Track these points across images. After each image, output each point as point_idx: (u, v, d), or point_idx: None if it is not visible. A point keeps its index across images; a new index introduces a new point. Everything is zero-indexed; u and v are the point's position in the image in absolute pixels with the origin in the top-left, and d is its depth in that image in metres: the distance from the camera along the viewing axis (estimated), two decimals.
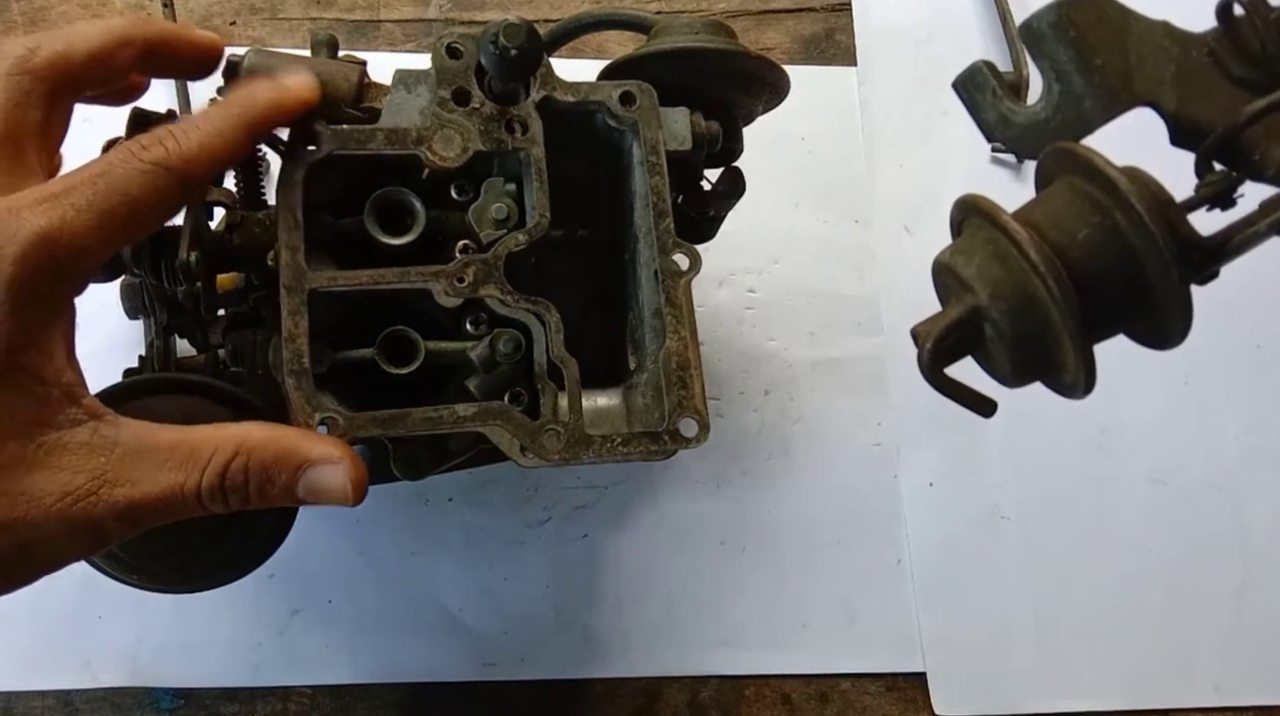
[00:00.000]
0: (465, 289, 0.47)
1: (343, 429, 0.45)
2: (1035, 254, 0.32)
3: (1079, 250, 0.33)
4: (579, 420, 0.47)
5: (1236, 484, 0.75)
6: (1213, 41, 0.37)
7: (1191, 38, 0.38)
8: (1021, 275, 0.33)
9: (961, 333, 0.34)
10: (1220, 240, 0.33)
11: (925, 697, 0.69)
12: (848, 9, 0.83)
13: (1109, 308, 0.33)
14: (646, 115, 0.50)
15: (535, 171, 0.48)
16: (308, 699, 0.66)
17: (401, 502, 0.70)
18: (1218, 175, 0.35)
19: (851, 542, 0.72)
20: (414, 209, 0.48)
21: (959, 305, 0.34)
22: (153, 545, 0.48)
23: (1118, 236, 0.33)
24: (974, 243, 0.35)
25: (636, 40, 0.58)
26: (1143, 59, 0.37)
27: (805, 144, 0.79)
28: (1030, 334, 0.33)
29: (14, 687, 0.65)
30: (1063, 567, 0.72)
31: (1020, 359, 0.34)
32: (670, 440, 0.47)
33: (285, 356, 0.45)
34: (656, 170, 0.50)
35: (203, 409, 0.51)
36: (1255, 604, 0.72)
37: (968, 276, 0.34)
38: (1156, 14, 0.39)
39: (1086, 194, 0.34)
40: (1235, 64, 0.37)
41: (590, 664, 0.68)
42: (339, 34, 0.69)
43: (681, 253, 0.49)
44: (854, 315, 0.76)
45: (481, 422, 0.46)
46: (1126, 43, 0.37)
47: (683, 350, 0.48)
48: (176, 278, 0.54)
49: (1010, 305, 0.33)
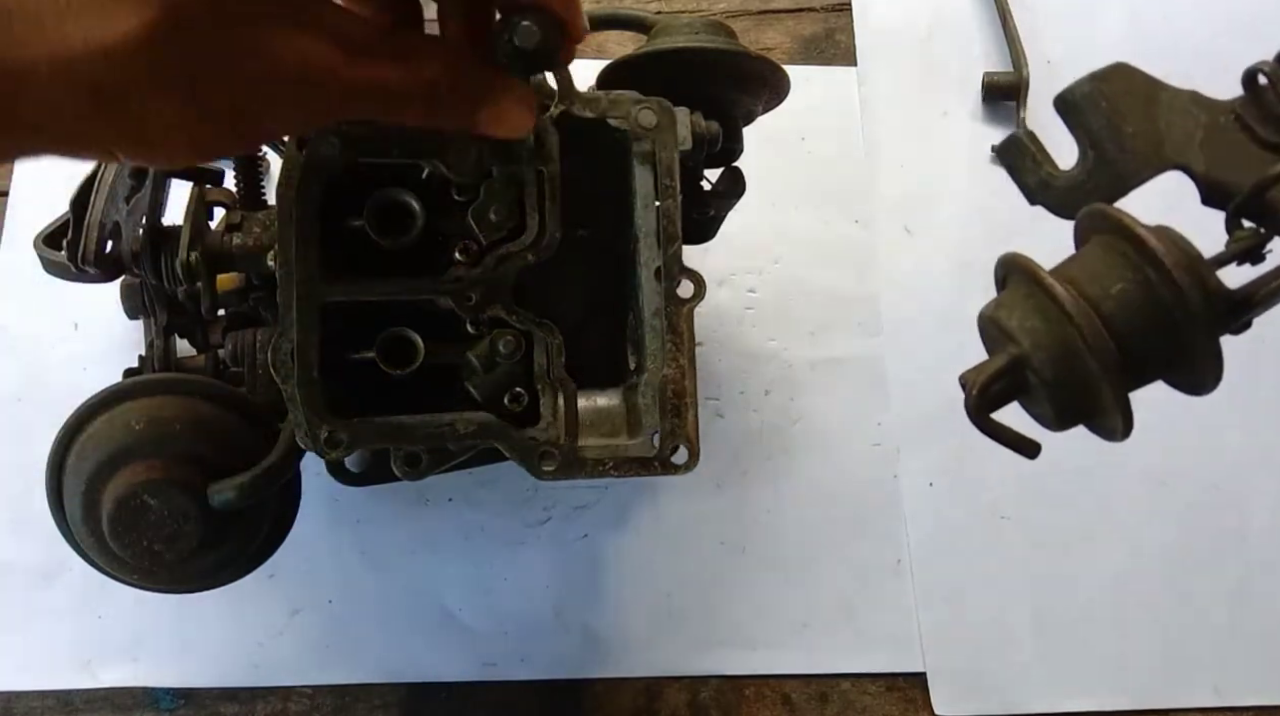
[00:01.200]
0: (471, 308, 0.47)
1: (347, 442, 0.45)
2: (1072, 307, 0.35)
3: (1113, 303, 0.35)
4: (573, 444, 0.47)
5: (1236, 484, 0.74)
6: (1239, 108, 0.40)
7: (1218, 105, 0.40)
8: (1060, 326, 0.35)
9: (1006, 380, 0.37)
10: (1248, 293, 0.36)
11: (925, 697, 0.69)
12: (848, 9, 0.83)
13: (1145, 357, 0.36)
14: (664, 136, 0.49)
15: (550, 188, 0.48)
16: (308, 699, 0.66)
17: (401, 502, 0.70)
18: (1247, 232, 0.37)
19: (851, 542, 0.72)
20: (413, 210, 0.48)
21: (1003, 355, 0.37)
22: (153, 544, 0.48)
23: (1149, 290, 0.35)
24: (1016, 297, 0.37)
25: (636, 40, 0.58)
26: (1172, 126, 0.40)
27: (805, 144, 0.79)
28: (1069, 381, 0.36)
29: (14, 687, 0.65)
30: (1063, 568, 0.72)
31: (1061, 404, 0.37)
32: (661, 467, 0.48)
33: (296, 368, 0.45)
34: (669, 193, 0.49)
35: (203, 409, 0.51)
36: (1255, 604, 0.72)
37: (1010, 328, 0.37)
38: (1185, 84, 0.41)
39: (1119, 251, 0.36)
40: (1261, 128, 0.39)
41: (590, 664, 0.68)
42: None
43: (688, 279, 0.49)
44: (854, 315, 0.76)
45: (481, 439, 0.47)
46: (1156, 111, 0.40)
47: (679, 378, 0.49)
48: (176, 278, 0.54)
49: (1050, 354, 0.36)
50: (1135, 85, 0.40)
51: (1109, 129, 0.40)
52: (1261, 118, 0.39)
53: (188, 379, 0.53)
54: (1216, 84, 0.41)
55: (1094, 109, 0.40)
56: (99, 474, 0.49)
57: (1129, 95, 0.40)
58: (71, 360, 0.70)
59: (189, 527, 0.48)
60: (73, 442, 0.50)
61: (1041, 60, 0.80)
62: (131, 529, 0.48)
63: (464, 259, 0.48)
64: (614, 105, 0.49)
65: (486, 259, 0.48)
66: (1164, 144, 0.40)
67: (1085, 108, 0.40)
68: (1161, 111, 0.40)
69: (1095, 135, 0.40)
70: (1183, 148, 0.40)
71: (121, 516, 0.48)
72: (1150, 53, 0.82)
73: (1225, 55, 0.41)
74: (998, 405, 0.38)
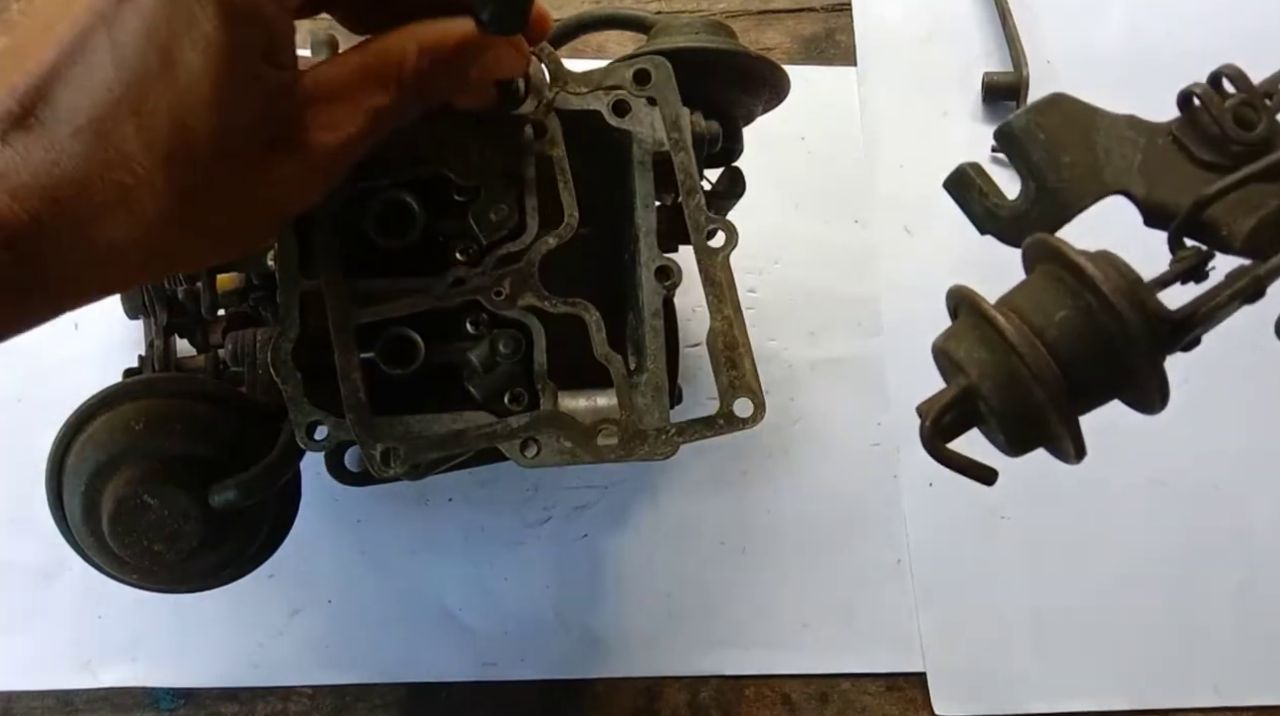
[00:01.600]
0: (504, 303, 0.47)
1: (404, 457, 0.45)
2: (1014, 336, 0.36)
3: (1056, 331, 0.36)
4: (629, 416, 0.47)
5: (1236, 484, 0.74)
6: (1175, 129, 0.41)
7: (1155, 127, 0.41)
8: (1004, 356, 0.36)
9: (958, 410, 0.38)
10: (1188, 312, 0.36)
11: (925, 697, 0.69)
12: (848, 9, 0.83)
13: (1092, 381, 0.37)
14: (664, 90, 0.48)
15: (559, 170, 0.47)
16: (308, 699, 0.66)
17: (401, 502, 0.70)
18: (1189, 251, 0.38)
19: (851, 542, 0.72)
20: (413, 210, 0.48)
21: (953, 386, 0.38)
22: (153, 544, 0.48)
23: (1090, 316, 0.36)
24: (964, 327, 0.38)
25: (636, 40, 0.58)
26: (1110, 151, 0.40)
27: (805, 144, 0.79)
28: (1017, 409, 0.37)
29: (14, 687, 0.65)
30: (1062, 567, 0.72)
31: (1012, 432, 0.37)
32: (726, 423, 0.46)
33: (343, 392, 0.45)
34: (681, 146, 0.48)
35: (203, 409, 0.51)
36: (1255, 604, 0.72)
37: (959, 358, 0.38)
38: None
39: (1059, 279, 0.37)
40: (1197, 148, 0.40)
41: (590, 664, 0.68)
42: (339, 34, 0.68)
43: (716, 227, 0.48)
44: (854, 315, 0.76)
45: (536, 430, 0.46)
46: (1094, 138, 0.41)
47: (728, 329, 0.48)
48: (176, 277, 0.54)
49: (996, 383, 0.37)
50: (1072, 114, 0.41)
51: (1048, 159, 0.40)
52: (1197, 138, 0.40)
53: (188, 379, 0.53)
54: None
55: (1032, 140, 0.40)
56: (99, 474, 0.49)
57: (1066, 124, 0.41)
58: (71, 360, 0.70)
59: (189, 527, 0.48)
60: (73, 442, 0.50)
61: (1041, 60, 0.80)
62: (131, 529, 0.48)
63: (464, 259, 0.48)
64: (608, 74, 0.49)
65: (487, 259, 0.48)
66: (1103, 170, 0.40)
67: (1024, 139, 0.41)
68: (1100, 138, 0.40)
69: (1034, 166, 0.40)
70: (1122, 173, 0.40)
71: (121, 516, 0.48)
72: (1150, 53, 0.82)
73: (1224, 55, 0.42)
74: (953, 434, 0.39)
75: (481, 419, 0.47)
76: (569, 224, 0.47)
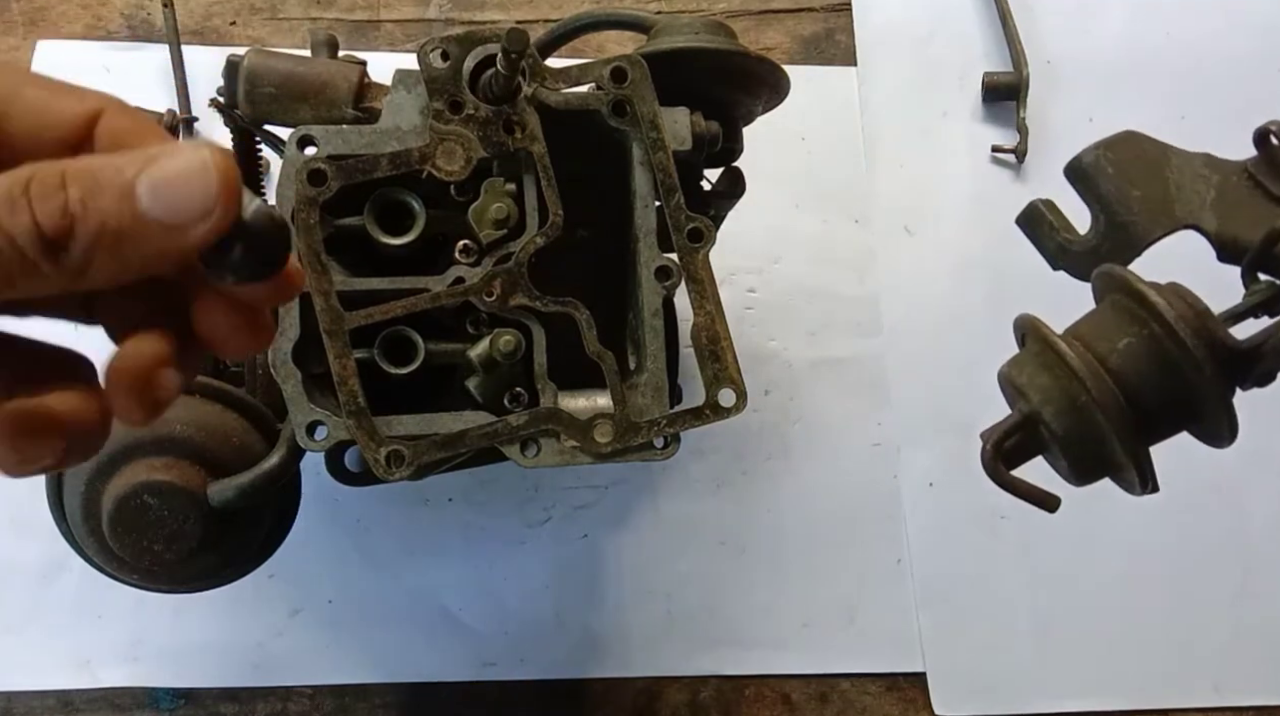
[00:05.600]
0: (495, 303, 0.47)
1: (410, 459, 0.45)
2: (1076, 362, 0.36)
3: (1119, 358, 0.36)
4: (624, 410, 0.47)
5: (1236, 485, 0.74)
6: (1251, 167, 0.41)
7: (1230, 165, 0.41)
8: (1066, 382, 0.36)
9: (1020, 436, 0.38)
10: (1256, 343, 0.36)
11: (925, 697, 0.69)
12: (848, 9, 0.83)
13: (1158, 410, 0.37)
14: (640, 89, 0.49)
15: (541, 168, 0.47)
16: (308, 699, 0.66)
17: (401, 503, 0.70)
18: (1262, 285, 0.38)
19: (851, 542, 0.72)
20: (413, 209, 0.48)
21: (1015, 412, 0.38)
22: (153, 544, 0.48)
23: (1155, 344, 0.36)
24: (1028, 355, 0.38)
25: (636, 40, 0.58)
26: (1182, 187, 0.41)
27: (805, 144, 0.79)
28: (1079, 435, 0.37)
29: (14, 687, 0.65)
30: (1062, 567, 0.72)
31: (1075, 458, 0.38)
32: (712, 412, 0.48)
33: (341, 398, 0.45)
34: (659, 146, 0.48)
35: (204, 409, 0.51)
36: (1255, 604, 0.72)
37: (1021, 385, 0.38)
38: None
39: (1126, 308, 0.37)
40: (1272, 184, 0.40)
41: (590, 664, 0.68)
42: (339, 34, 0.69)
43: (695, 224, 0.49)
44: (854, 315, 0.76)
45: (535, 427, 0.47)
46: (1165, 174, 0.41)
47: (710, 324, 0.48)
48: None
49: (1057, 408, 0.37)
50: (1144, 150, 0.41)
51: (1117, 193, 0.41)
52: (1273, 174, 0.40)
53: None
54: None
55: (1101, 174, 0.41)
56: (99, 474, 0.49)
57: (1137, 160, 0.41)
58: None
59: (189, 527, 0.48)
60: None
61: (1041, 60, 0.80)
62: (131, 529, 0.48)
63: (464, 259, 0.48)
64: (584, 72, 0.49)
65: (486, 259, 0.48)
66: (1174, 205, 0.40)
67: (1093, 173, 0.41)
68: (1171, 174, 0.41)
69: (1104, 199, 0.41)
70: (1194, 208, 0.40)
71: (121, 516, 0.48)
72: (1149, 53, 0.82)
73: (1223, 54, 0.42)
74: (1016, 461, 0.38)
75: (482, 418, 0.47)
76: (554, 223, 0.48)
